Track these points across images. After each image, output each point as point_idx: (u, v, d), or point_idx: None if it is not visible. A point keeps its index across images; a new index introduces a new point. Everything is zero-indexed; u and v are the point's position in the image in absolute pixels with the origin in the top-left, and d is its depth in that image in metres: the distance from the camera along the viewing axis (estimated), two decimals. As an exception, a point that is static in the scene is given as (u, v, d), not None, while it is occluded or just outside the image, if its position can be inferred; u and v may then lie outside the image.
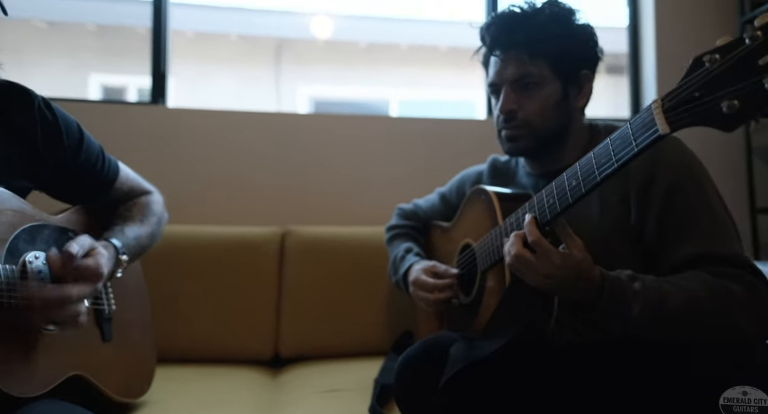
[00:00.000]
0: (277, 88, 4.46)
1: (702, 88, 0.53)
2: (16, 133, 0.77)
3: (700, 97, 0.53)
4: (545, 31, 0.86)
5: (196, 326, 1.30)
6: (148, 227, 0.94)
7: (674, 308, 0.72)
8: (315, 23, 3.91)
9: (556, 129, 0.89)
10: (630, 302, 0.70)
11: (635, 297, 0.71)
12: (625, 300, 0.70)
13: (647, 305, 0.71)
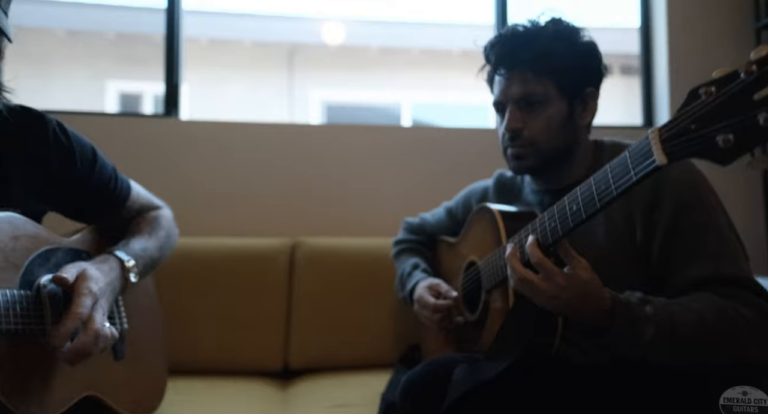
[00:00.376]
0: (289, 92, 4.51)
1: (697, 121, 0.53)
2: (32, 159, 0.80)
3: (696, 130, 0.53)
4: (549, 49, 0.86)
5: (206, 337, 1.33)
6: (156, 240, 0.95)
7: (686, 332, 0.71)
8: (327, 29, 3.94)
9: (561, 147, 0.89)
10: (643, 327, 0.70)
11: (648, 321, 0.70)
12: (638, 325, 0.70)
13: (660, 330, 0.70)
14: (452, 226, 1.19)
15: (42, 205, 0.84)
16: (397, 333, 1.39)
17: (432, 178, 1.75)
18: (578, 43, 0.89)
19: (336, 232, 1.64)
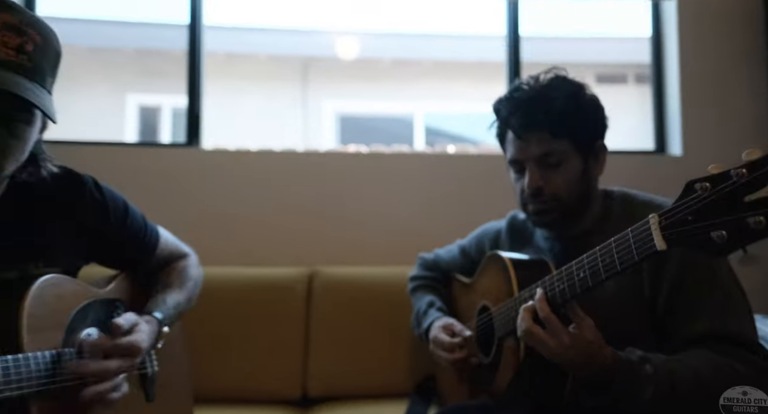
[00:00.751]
0: (303, 104, 4.58)
1: (694, 214, 0.57)
2: (72, 217, 0.86)
3: (693, 221, 0.57)
4: (564, 110, 0.89)
5: (225, 365, 1.39)
6: (186, 293, 1.02)
7: (684, 389, 0.75)
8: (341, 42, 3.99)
9: (580, 199, 0.93)
10: (643, 385, 0.74)
11: (648, 380, 0.74)
12: (638, 383, 0.74)
13: (660, 388, 0.74)
14: (466, 264, 1.23)
15: (80, 260, 0.90)
16: (413, 362, 1.44)
17: (446, 205, 1.78)
18: (586, 101, 0.93)
19: (352, 260, 1.69)
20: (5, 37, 0.66)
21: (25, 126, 0.71)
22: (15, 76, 0.66)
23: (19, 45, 0.67)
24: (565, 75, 0.95)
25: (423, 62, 4.50)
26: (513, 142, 0.94)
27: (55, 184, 0.84)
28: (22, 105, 0.69)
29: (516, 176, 0.96)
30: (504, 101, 0.95)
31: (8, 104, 0.67)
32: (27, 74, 0.68)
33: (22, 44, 0.68)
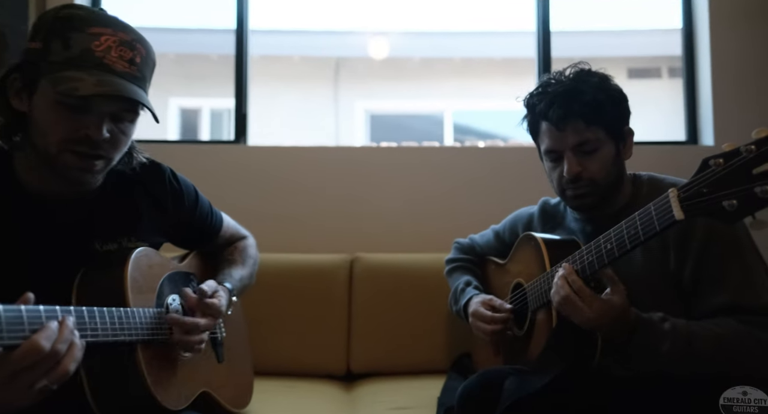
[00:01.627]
0: (335, 103, 4.72)
1: (708, 186, 0.65)
2: (154, 201, 1.00)
3: (708, 193, 0.65)
4: (596, 100, 0.96)
5: (278, 343, 1.51)
6: (248, 269, 1.15)
7: (701, 348, 0.82)
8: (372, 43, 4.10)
9: (613, 183, 1.00)
10: (660, 340, 0.82)
11: (665, 336, 0.82)
12: (655, 338, 0.82)
13: (676, 343, 0.82)
14: (499, 247, 1.31)
15: (160, 238, 1.03)
16: (448, 341, 1.53)
17: (475, 195, 1.86)
18: (613, 91, 1.00)
19: (388, 247, 1.79)
20: (121, 52, 0.79)
21: (129, 124, 0.85)
22: (128, 83, 0.79)
23: (130, 58, 0.80)
24: (589, 68, 1.02)
25: (452, 60, 4.57)
26: (549, 133, 1.01)
27: (143, 172, 0.97)
28: (130, 107, 0.82)
29: (552, 165, 1.02)
30: (538, 95, 1.02)
31: (120, 107, 0.81)
32: (136, 82, 0.81)
33: (133, 57, 0.80)
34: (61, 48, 0.76)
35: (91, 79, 0.75)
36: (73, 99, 0.75)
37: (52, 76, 0.75)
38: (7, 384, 0.58)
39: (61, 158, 0.79)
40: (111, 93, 0.76)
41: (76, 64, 0.76)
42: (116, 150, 0.84)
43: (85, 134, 0.78)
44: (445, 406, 1.09)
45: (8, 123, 0.81)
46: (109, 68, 0.77)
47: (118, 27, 0.80)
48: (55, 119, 0.77)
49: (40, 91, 0.78)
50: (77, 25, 0.77)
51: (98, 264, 0.86)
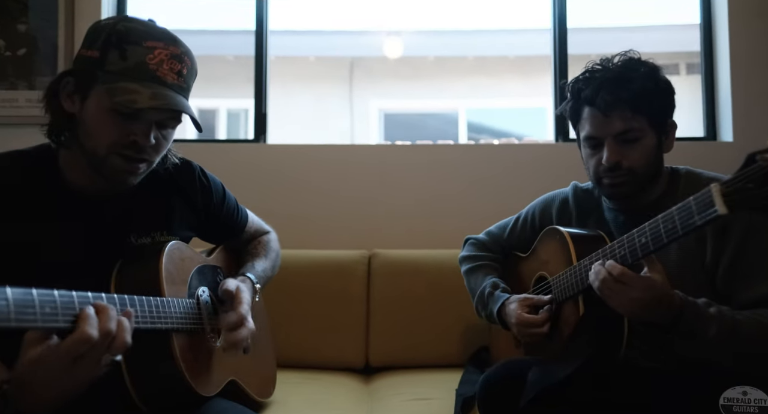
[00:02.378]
0: (350, 102, 4.75)
1: (754, 181, 0.65)
2: (185, 198, 1.03)
3: (753, 189, 0.65)
4: (644, 89, 0.95)
5: (299, 338, 1.54)
6: (270, 261, 1.18)
7: (746, 335, 0.82)
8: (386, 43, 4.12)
9: (652, 174, 0.99)
10: (707, 324, 0.81)
11: (711, 320, 0.81)
12: (702, 322, 0.81)
13: (722, 328, 0.81)
14: (522, 235, 1.25)
15: (190, 233, 1.07)
16: (465, 335, 1.55)
17: (490, 192, 1.87)
18: (662, 82, 0.99)
19: (405, 244, 1.81)
20: (172, 65, 0.83)
21: (172, 130, 0.89)
22: (176, 95, 0.84)
23: (179, 70, 0.84)
24: (639, 57, 1.01)
25: (466, 59, 4.56)
26: (592, 120, 0.98)
27: (176, 171, 1.01)
28: (175, 115, 0.86)
29: (591, 152, 1.01)
30: (584, 81, 1.00)
31: (165, 115, 0.85)
32: (182, 92, 0.86)
33: (181, 69, 0.85)
34: (118, 59, 0.80)
35: (147, 92, 0.79)
36: (129, 109, 0.80)
37: (108, 85, 0.79)
38: (74, 365, 0.62)
39: (108, 160, 0.83)
40: (164, 106, 0.81)
41: (131, 75, 0.80)
42: (158, 154, 0.88)
43: (134, 140, 0.83)
44: (464, 397, 1.11)
45: (57, 122, 0.85)
46: (160, 80, 0.82)
47: (170, 41, 0.85)
48: (106, 124, 0.82)
49: (94, 97, 0.82)
50: (134, 38, 0.81)
51: (134, 256, 0.89)
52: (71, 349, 0.61)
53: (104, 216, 0.91)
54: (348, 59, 4.66)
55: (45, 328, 0.59)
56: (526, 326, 1.04)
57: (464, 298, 1.35)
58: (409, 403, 1.22)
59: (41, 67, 1.89)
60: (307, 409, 1.16)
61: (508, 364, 0.99)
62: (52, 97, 0.85)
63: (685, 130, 2.18)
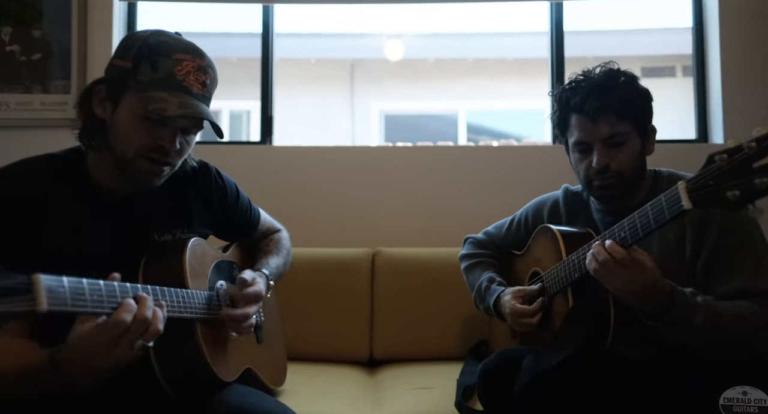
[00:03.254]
0: (351, 104, 4.81)
1: (714, 179, 0.72)
2: (202, 198, 1.09)
3: (713, 185, 0.72)
4: (627, 95, 1.03)
5: (306, 331, 1.60)
6: (282, 258, 1.25)
7: (726, 323, 0.88)
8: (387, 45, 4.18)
9: (637, 176, 1.06)
10: (695, 312, 0.87)
11: (698, 308, 0.87)
12: (690, 310, 0.87)
13: (707, 316, 0.87)
14: (517, 235, 1.33)
15: (207, 230, 1.13)
16: (464, 329, 1.61)
17: (489, 192, 1.94)
18: (641, 89, 1.07)
19: (407, 242, 1.87)
20: (197, 76, 0.90)
21: (194, 136, 0.96)
22: (201, 104, 0.90)
23: (203, 81, 0.91)
24: (618, 67, 1.08)
25: (465, 61, 4.63)
26: (581, 126, 1.05)
27: (194, 173, 1.07)
28: (198, 123, 0.93)
29: (580, 157, 1.08)
30: (571, 90, 1.07)
31: (191, 122, 0.92)
32: (205, 101, 0.92)
33: (205, 80, 0.91)
34: (149, 70, 0.87)
35: (175, 101, 0.86)
36: (159, 116, 0.86)
37: (140, 94, 0.86)
38: (113, 345, 0.70)
39: (136, 163, 0.90)
40: (192, 115, 0.88)
41: (161, 85, 0.87)
42: (181, 158, 0.95)
43: (161, 145, 0.89)
44: (464, 385, 1.17)
45: (88, 127, 0.92)
46: (187, 90, 0.88)
47: (196, 54, 0.91)
48: (137, 129, 0.88)
49: (125, 104, 0.88)
50: (164, 51, 0.88)
51: (158, 252, 0.96)
52: (108, 332, 0.68)
53: (129, 215, 0.97)
54: (349, 61, 4.72)
55: (93, 313, 0.66)
56: (519, 316, 1.09)
57: (464, 293, 1.41)
58: (413, 391, 1.29)
59: (55, 71, 1.95)
60: (318, 397, 1.22)
61: (505, 353, 1.05)
62: (84, 103, 0.92)
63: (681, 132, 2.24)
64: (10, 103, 1.94)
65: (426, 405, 1.20)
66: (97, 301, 0.66)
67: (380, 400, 1.27)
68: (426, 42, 4.42)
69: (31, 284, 0.56)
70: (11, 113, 1.94)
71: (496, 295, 1.19)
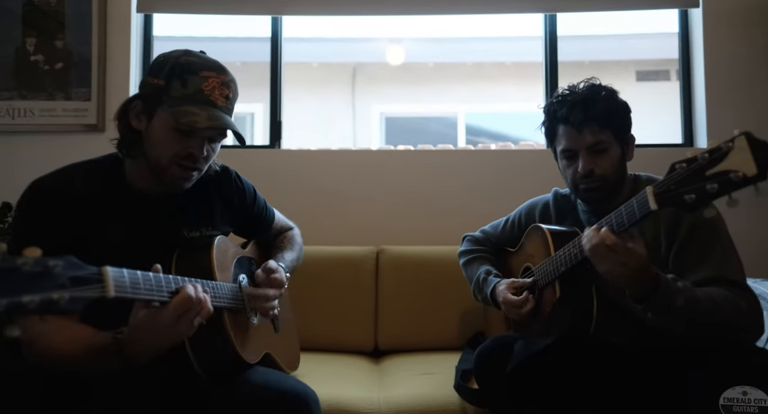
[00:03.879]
0: (353, 107, 4.93)
1: (675, 184, 0.83)
2: (224, 198, 1.21)
3: (674, 190, 0.84)
4: (608, 107, 1.15)
5: (314, 324, 1.71)
6: (296, 253, 1.36)
7: (702, 306, 0.99)
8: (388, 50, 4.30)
9: (618, 180, 1.18)
10: (677, 296, 0.96)
11: (680, 292, 0.97)
12: (673, 294, 0.96)
13: (688, 300, 0.97)
14: (511, 233, 1.45)
15: (228, 228, 1.24)
16: (463, 321, 1.73)
17: (486, 193, 2.06)
18: (621, 102, 1.19)
19: (409, 240, 1.99)
20: (222, 90, 1.01)
21: (218, 144, 1.08)
22: (225, 116, 1.02)
23: (226, 95, 1.02)
24: (599, 82, 1.21)
25: (464, 65, 4.75)
26: (567, 135, 1.16)
27: (217, 176, 1.19)
28: (222, 132, 1.04)
29: (567, 163, 1.19)
30: (558, 103, 1.19)
31: (217, 132, 1.03)
32: (229, 113, 1.04)
33: (228, 94, 1.03)
34: (180, 86, 0.98)
35: (204, 114, 0.97)
36: (190, 128, 0.98)
37: (173, 109, 0.97)
38: (177, 322, 0.82)
39: (169, 169, 1.01)
40: (219, 126, 0.99)
41: (190, 100, 0.98)
42: (208, 163, 1.07)
43: (191, 153, 1.01)
44: (462, 370, 1.29)
45: (126, 137, 1.03)
46: (213, 103, 1.00)
47: (220, 71, 1.03)
48: (169, 140, 1.00)
49: (159, 117, 1.00)
50: (193, 69, 1.00)
51: (187, 247, 1.07)
52: (177, 307, 0.81)
53: (162, 214, 1.08)
54: (351, 65, 4.84)
55: (148, 299, 0.78)
56: (511, 305, 1.21)
57: (462, 288, 1.53)
58: (415, 376, 1.41)
59: (76, 79, 2.07)
60: (329, 380, 1.34)
61: (499, 339, 1.17)
62: (122, 116, 1.03)
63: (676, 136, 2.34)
64: (35, 110, 2.06)
65: (428, 387, 1.31)
66: (149, 289, 0.77)
67: (386, 384, 1.39)
68: (426, 47, 4.53)
69: (101, 274, 0.67)
70: (36, 119, 2.05)
71: (492, 286, 1.31)
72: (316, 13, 2.24)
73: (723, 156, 0.77)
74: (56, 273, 0.56)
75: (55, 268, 0.56)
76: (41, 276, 0.55)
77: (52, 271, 0.56)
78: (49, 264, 0.56)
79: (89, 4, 2.07)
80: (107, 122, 2.05)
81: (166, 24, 2.39)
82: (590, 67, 4.41)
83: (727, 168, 0.76)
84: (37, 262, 0.54)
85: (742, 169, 0.74)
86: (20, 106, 2.05)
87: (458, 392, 1.26)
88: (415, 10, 2.24)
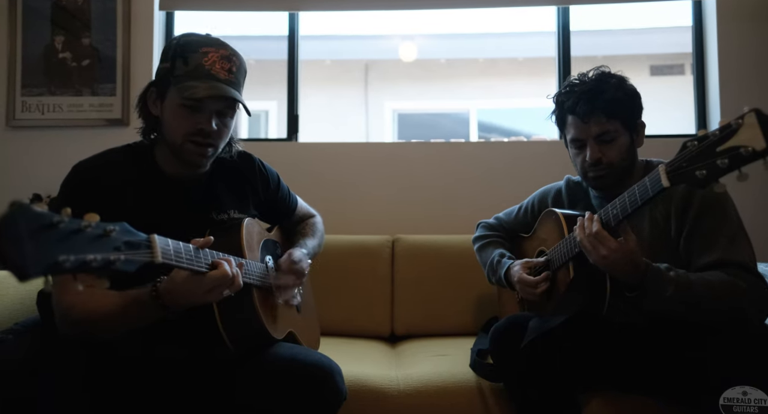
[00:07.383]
0: (365, 104, 4.98)
1: (686, 161, 0.87)
2: (249, 184, 1.26)
3: (686, 167, 0.87)
4: (615, 98, 1.17)
5: (333, 310, 1.76)
6: (317, 240, 1.41)
7: (697, 292, 1.02)
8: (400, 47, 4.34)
9: (627, 167, 1.20)
10: (666, 284, 1.01)
11: (670, 281, 1.01)
12: (662, 283, 1.01)
13: (678, 288, 1.01)
14: (525, 220, 1.48)
15: (254, 212, 1.30)
16: (477, 307, 1.77)
17: (498, 184, 2.10)
18: (629, 89, 1.21)
19: (426, 230, 2.04)
20: (223, 64, 1.05)
21: (230, 119, 1.10)
22: (228, 87, 1.05)
23: (229, 68, 1.06)
24: (609, 70, 1.23)
25: (477, 61, 4.77)
26: (575, 125, 1.19)
27: (240, 162, 1.24)
28: (231, 104, 1.07)
29: (577, 152, 1.23)
30: (565, 94, 1.22)
31: (222, 104, 1.06)
32: (233, 86, 1.07)
33: (230, 67, 1.06)
34: (182, 65, 1.03)
35: (204, 86, 1.01)
36: (192, 101, 1.02)
37: (177, 86, 1.02)
38: (210, 292, 0.89)
39: (184, 147, 1.06)
40: (217, 94, 1.02)
41: (192, 75, 1.02)
42: (221, 139, 1.10)
43: (200, 128, 1.04)
44: (477, 349, 1.33)
45: (147, 124, 1.09)
46: (215, 77, 1.03)
47: (220, 46, 1.07)
48: (178, 117, 1.04)
49: (169, 98, 1.05)
50: (192, 47, 1.04)
51: (218, 229, 1.13)
52: (214, 280, 0.87)
53: (192, 197, 1.14)
54: (363, 62, 4.89)
55: (188, 268, 0.84)
56: (527, 285, 1.24)
57: (476, 275, 1.57)
58: (431, 358, 1.45)
59: (102, 75, 2.15)
60: (348, 360, 1.38)
61: (513, 318, 1.21)
62: (142, 105, 1.09)
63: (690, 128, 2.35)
64: (63, 106, 2.14)
65: (443, 367, 1.35)
66: (189, 258, 0.83)
67: (403, 364, 1.43)
68: (438, 43, 4.57)
69: (149, 241, 0.73)
70: (64, 114, 2.14)
71: (506, 267, 1.34)
72: (332, 9, 2.29)
73: (733, 132, 0.79)
74: (113, 236, 0.62)
75: (112, 232, 0.62)
76: (101, 238, 0.60)
77: (110, 235, 0.61)
78: (108, 228, 0.61)
79: (113, 3, 2.15)
80: (131, 116, 2.12)
81: (187, 22, 2.46)
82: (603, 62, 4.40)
83: (737, 143, 0.78)
84: (98, 225, 0.60)
85: (751, 144, 0.77)
86: (50, 101, 2.13)
87: (474, 370, 1.30)
88: (428, 5, 2.28)
